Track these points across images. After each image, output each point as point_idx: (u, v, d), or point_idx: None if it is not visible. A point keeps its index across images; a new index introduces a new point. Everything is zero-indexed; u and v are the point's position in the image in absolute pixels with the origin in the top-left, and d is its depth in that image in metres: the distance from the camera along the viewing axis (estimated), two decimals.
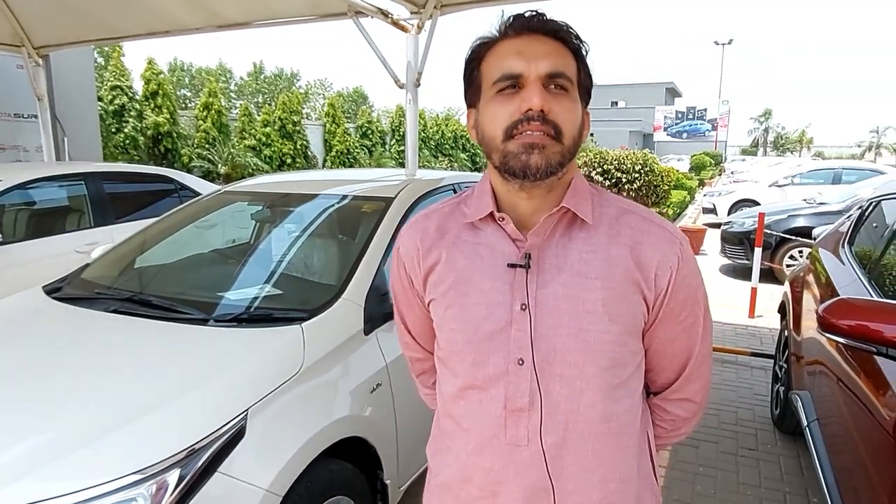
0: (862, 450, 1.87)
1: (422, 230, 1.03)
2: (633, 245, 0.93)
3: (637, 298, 0.92)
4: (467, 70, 0.95)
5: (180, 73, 42.78)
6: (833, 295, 2.53)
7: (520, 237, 0.93)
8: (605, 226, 0.94)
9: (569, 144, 0.88)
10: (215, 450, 1.45)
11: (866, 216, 2.93)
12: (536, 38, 0.88)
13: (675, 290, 0.94)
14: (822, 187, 10.66)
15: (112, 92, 16.05)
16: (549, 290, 0.91)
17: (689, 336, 1.01)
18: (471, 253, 0.97)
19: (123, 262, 2.63)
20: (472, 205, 0.99)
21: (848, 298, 1.74)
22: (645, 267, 0.92)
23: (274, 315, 1.96)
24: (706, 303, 1.02)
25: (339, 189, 2.83)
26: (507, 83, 0.87)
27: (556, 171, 0.88)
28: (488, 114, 0.90)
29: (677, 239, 0.96)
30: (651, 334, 0.99)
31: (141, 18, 6.14)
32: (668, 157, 33.39)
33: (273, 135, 19.17)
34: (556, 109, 0.86)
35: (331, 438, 1.74)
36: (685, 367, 1.03)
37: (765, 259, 6.72)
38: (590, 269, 0.91)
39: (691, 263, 0.96)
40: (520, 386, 0.92)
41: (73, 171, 4.51)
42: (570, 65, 0.89)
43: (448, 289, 0.97)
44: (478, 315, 0.94)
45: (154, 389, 1.56)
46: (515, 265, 0.93)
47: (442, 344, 1.02)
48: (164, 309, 2.03)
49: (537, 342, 0.91)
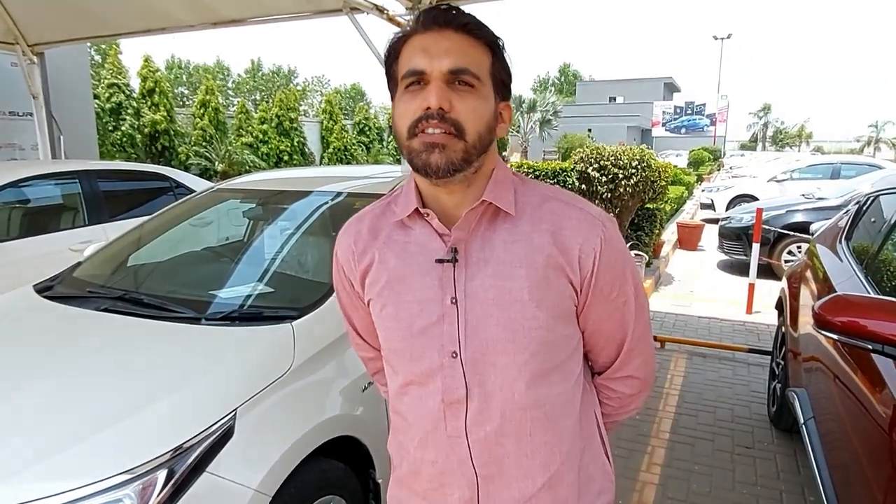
0: (858, 448, 1.85)
1: (355, 233, 1.04)
2: (554, 231, 0.94)
3: (563, 282, 0.94)
4: (386, 64, 0.95)
5: (178, 71, 42.71)
6: (830, 291, 2.52)
7: (446, 232, 0.94)
8: (527, 214, 0.95)
9: (473, 140, 0.88)
10: (203, 450, 1.44)
11: (864, 211, 2.92)
12: (443, 34, 0.88)
13: (600, 271, 0.95)
14: (821, 182, 10.67)
15: (109, 90, 16.01)
16: (476, 283, 0.93)
17: (623, 314, 1.02)
18: (402, 251, 0.98)
19: (116, 261, 2.61)
20: (401, 203, 1.00)
21: (844, 295, 1.72)
22: (568, 251, 0.93)
23: (264, 313, 1.94)
24: (636, 280, 1.03)
25: (333, 186, 2.81)
26: (412, 79, 0.88)
27: (462, 169, 0.88)
28: (397, 110, 0.91)
29: (599, 221, 0.96)
30: (584, 316, 1.00)
31: (136, 15, 6.12)
32: (667, 153, 33.34)
33: (270, 132, 19.14)
34: (458, 107, 0.86)
35: (321, 438, 1.73)
36: (623, 344, 1.05)
37: (763, 255, 6.72)
38: (514, 258, 0.93)
39: (616, 243, 0.97)
40: (455, 378, 0.94)
41: (66, 169, 4.49)
42: (479, 59, 0.89)
43: (382, 288, 0.99)
44: (411, 312, 0.96)
45: (142, 389, 1.55)
46: (443, 260, 0.94)
47: (382, 342, 1.04)
48: (154, 307, 2.01)
49: (468, 334, 0.93)
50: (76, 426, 1.42)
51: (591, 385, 1.10)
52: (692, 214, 12.36)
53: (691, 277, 7.36)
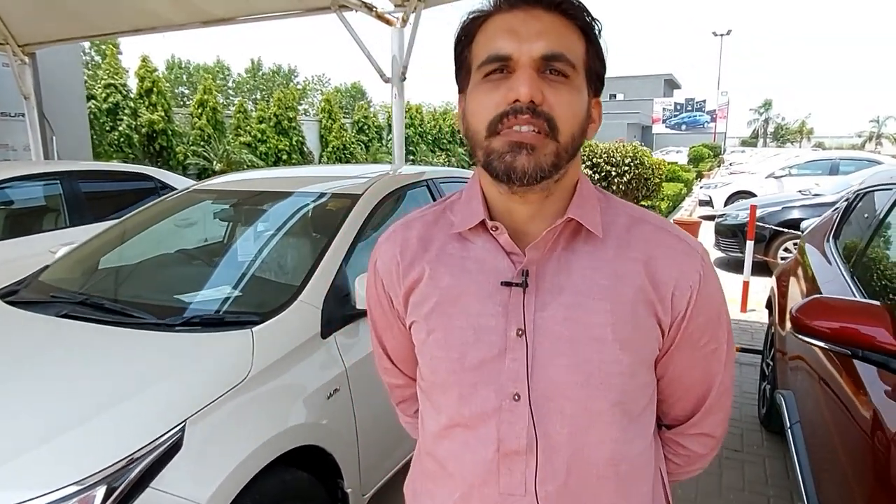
0: (840, 452, 1.79)
1: (402, 241, 0.89)
2: (646, 260, 0.80)
3: (651, 322, 0.80)
4: (457, 49, 0.81)
5: (178, 71, 42.70)
6: (816, 291, 2.45)
7: (516, 250, 0.80)
8: (613, 238, 0.81)
9: (566, 142, 0.74)
10: (148, 464, 1.38)
11: (852, 209, 2.84)
12: (533, 13, 0.74)
13: (695, 312, 0.81)
14: (820, 178, 10.57)
15: (106, 90, 15.98)
16: (548, 314, 0.79)
17: (710, 364, 0.88)
18: (458, 269, 0.84)
19: (85, 264, 2.55)
20: (460, 212, 0.85)
21: (822, 298, 1.66)
22: (660, 286, 0.80)
23: (225, 319, 1.88)
24: (729, 324, 0.89)
25: (310, 186, 2.75)
26: (494, 66, 0.74)
27: (549, 175, 0.74)
28: (473, 103, 0.77)
29: (698, 253, 0.83)
30: (665, 362, 0.86)
31: (126, 15, 6.09)
32: (668, 149, 33.26)
33: (269, 131, 19.10)
34: (551, 100, 0.72)
35: (281, 448, 1.66)
36: (705, 398, 0.90)
37: (759, 252, 6.64)
38: (596, 288, 0.79)
39: (714, 281, 0.84)
40: (515, 425, 0.79)
41: (47, 170, 4.44)
42: (574, 45, 0.75)
43: (431, 310, 0.84)
44: (464, 340, 0.81)
45: (86, 400, 1.48)
46: (511, 283, 0.79)
47: (424, 374, 0.89)
48: (115, 313, 1.95)
49: (535, 374, 0.79)
50: (10, 441, 1.36)
51: (657, 439, 0.95)
52: (690, 211, 12.28)
53: None
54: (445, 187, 3.06)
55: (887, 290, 1.99)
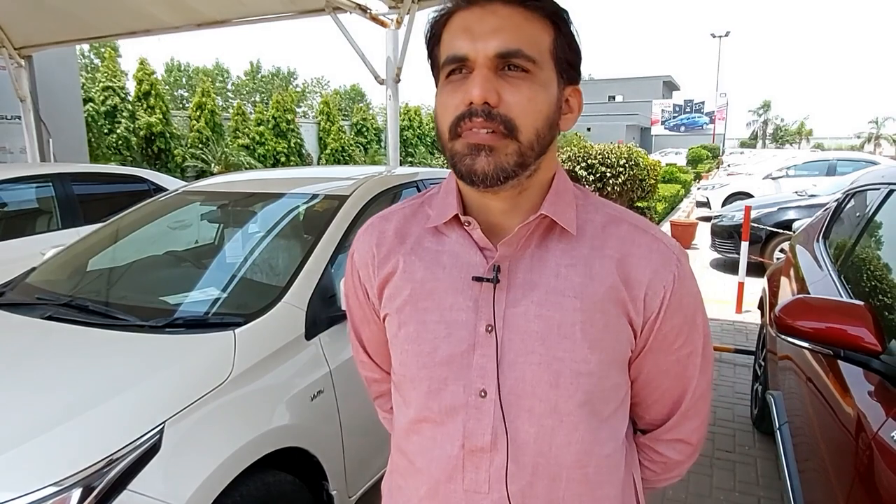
0: (824, 452, 1.78)
1: (378, 233, 0.89)
2: (620, 258, 0.79)
3: (622, 322, 0.79)
4: (428, 48, 0.80)
5: (177, 74, 42.73)
6: (804, 291, 2.44)
7: (488, 246, 0.80)
8: (588, 235, 0.80)
9: (529, 140, 0.72)
10: (125, 466, 1.37)
11: (842, 209, 2.84)
12: (490, 8, 0.72)
13: (668, 313, 0.80)
14: (817, 179, 10.58)
15: (104, 93, 16.00)
16: (519, 310, 0.78)
17: (685, 368, 0.86)
18: (432, 262, 0.83)
19: (72, 266, 2.54)
20: (437, 206, 0.85)
21: (805, 298, 1.65)
22: (633, 284, 0.78)
23: (208, 320, 1.88)
24: (706, 328, 0.87)
25: (299, 188, 2.74)
26: (452, 67, 0.74)
27: (514, 175, 0.73)
28: (438, 105, 0.76)
29: (674, 253, 0.81)
30: (638, 364, 0.85)
31: (121, 18, 6.10)
32: (666, 151, 33.28)
33: (267, 133, 19.13)
34: (509, 100, 0.71)
35: (262, 450, 1.66)
36: (679, 403, 0.88)
37: (754, 253, 6.64)
38: (568, 285, 0.78)
39: (689, 282, 0.82)
40: (481, 422, 0.79)
41: (39, 172, 4.44)
42: (536, 37, 0.73)
43: (404, 303, 0.84)
44: (436, 335, 0.81)
45: (65, 402, 1.47)
46: (482, 279, 0.79)
47: (395, 367, 0.89)
48: (99, 315, 1.95)
49: (504, 371, 0.78)
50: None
51: (631, 443, 0.93)
52: (688, 213, 12.28)
53: None
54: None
55: (874, 290, 1.99)
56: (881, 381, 1.50)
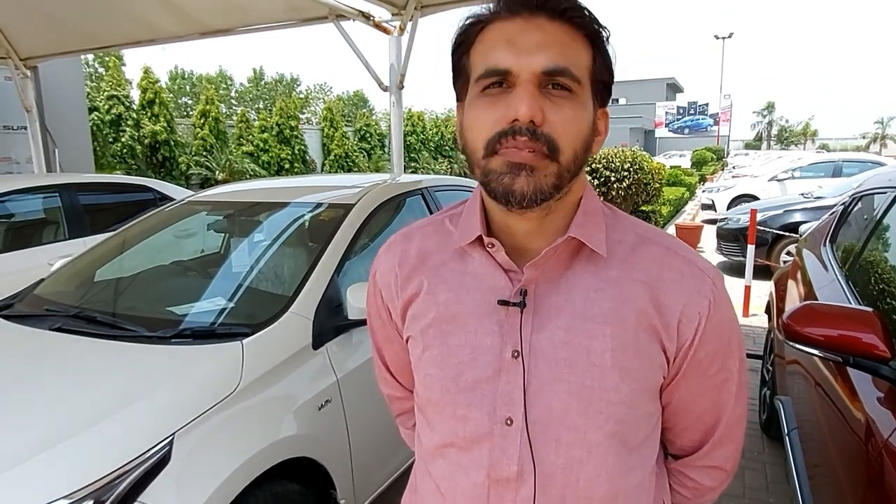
0: (834, 458, 1.77)
1: (401, 253, 0.87)
2: (651, 283, 0.76)
3: (655, 349, 0.76)
4: (454, 56, 0.77)
5: (181, 82, 42.97)
6: (812, 296, 2.43)
7: (514, 268, 0.77)
8: (618, 258, 0.77)
9: (568, 162, 0.70)
10: (135, 478, 1.37)
11: (849, 212, 2.83)
12: (535, 22, 0.69)
13: (703, 340, 0.76)
14: (823, 180, 10.54)
15: (109, 101, 16.09)
16: (545, 335, 0.75)
17: (720, 394, 0.82)
18: (456, 284, 0.81)
19: (79, 277, 2.56)
20: (461, 225, 0.82)
21: (812, 304, 1.65)
22: (666, 311, 0.75)
23: (217, 331, 1.88)
24: (742, 353, 0.83)
25: (304, 197, 2.75)
26: (492, 80, 0.70)
27: (550, 197, 0.71)
28: (470, 118, 0.73)
29: (709, 277, 0.77)
30: (671, 390, 0.81)
31: (125, 28, 6.14)
32: (671, 153, 33.23)
33: (271, 140, 19.19)
34: (552, 119, 0.68)
35: (271, 460, 1.66)
36: (714, 430, 0.85)
37: (760, 256, 6.61)
38: (597, 311, 0.75)
39: (725, 307, 0.79)
40: (507, 451, 0.76)
41: (46, 183, 4.46)
42: (579, 56, 0.70)
43: (428, 326, 0.81)
44: (460, 359, 0.78)
45: (75, 414, 1.48)
46: (507, 303, 0.76)
47: (419, 390, 0.86)
48: (108, 325, 1.96)
49: (530, 398, 0.75)
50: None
51: (662, 468, 0.90)
52: (693, 215, 12.25)
53: None
54: (442, 196, 3.07)
55: (882, 294, 1.98)
56: (891, 388, 1.49)
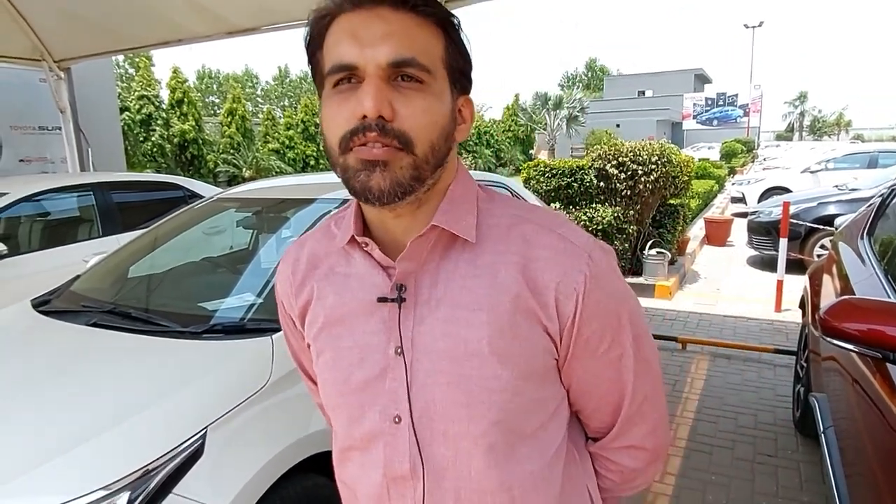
0: (872, 458, 1.72)
1: (293, 262, 0.87)
2: (524, 263, 0.73)
3: (536, 332, 0.74)
4: (308, 51, 0.74)
5: (208, 81, 43.65)
6: (848, 291, 2.37)
7: (391, 264, 0.76)
8: (492, 241, 0.75)
9: (424, 153, 0.69)
10: (169, 471, 1.40)
11: (887, 204, 2.74)
12: (377, 12, 0.67)
13: (585, 317, 0.74)
14: (858, 172, 10.24)
15: (139, 102, 16.44)
16: (425, 328, 0.74)
17: (618, 372, 0.80)
18: (341, 286, 0.80)
19: (114, 273, 2.62)
20: (342, 227, 0.81)
21: (851, 299, 1.60)
22: (541, 290, 0.73)
23: (247, 326, 1.91)
24: (638, 328, 0.80)
25: (329, 193, 2.77)
26: (340, 76, 0.68)
27: (411, 191, 0.69)
28: (325, 116, 0.71)
29: (584, 250, 0.75)
30: (567, 372, 0.80)
31: (154, 28, 6.25)
32: (699, 146, 32.64)
33: (296, 137, 19.40)
34: (403, 112, 0.66)
35: (302, 454, 1.68)
36: (619, 408, 0.83)
37: (793, 250, 6.46)
38: (473, 298, 0.73)
39: (608, 280, 0.76)
40: (398, 448, 0.76)
41: (80, 181, 4.58)
42: (428, 45, 0.69)
43: (319, 331, 0.81)
44: (350, 361, 0.78)
45: (108, 408, 1.52)
46: (386, 299, 0.76)
47: (321, 396, 0.87)
48: (140, 321, 2.00)
49: (414, 394, 0.75)
50: (35, 449, 1.40)
51: (582, 452, 0.88)
52: (722, 209, 12.02)
53: (718, 275, 7.13)
54: None
55: None
56: None
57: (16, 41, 6.60)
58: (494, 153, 30.52)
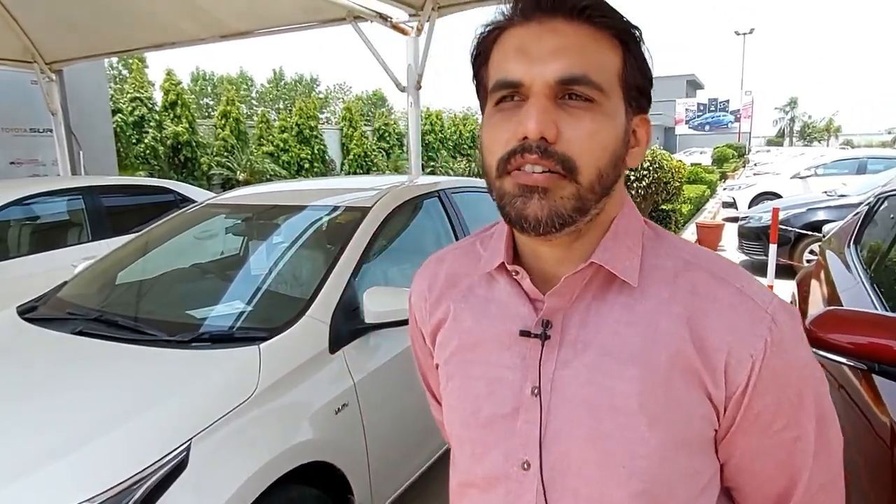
0: (860, 465, 1.73)
1: (431, 276, 0.83)
2: (691, 316, 0.65)
3: (695, 395, 0.65)
4: (474, 67, 0.71)
5: (203, 83, 43.51)
6: (835, 299, 2.38)
7: (539, 296, 0.70)
8: (656, 286, 0.68)
9: (590, 182, 0.62)
10: (152, 484, 1.39)
11: (873, 213, 2.76)
12: (550, 25, 0.62)
13: (759, 389, 0.64)
14: (847, 178, 10.31)
15: (132, 103, 16.35)
16: (569, 372, 0.67)
17: (791, 456, 0.69)
18: (480, 311, 0.75)
19: (100, 280, 2.60)
20: (490, 248, 0.76)
21: (836, 310, 1.61)
22: (710, 352, 0.64)
23: (234, 335, 1.90)
24: (823, 408, 0.69)
25: (321, 200, 2.77)
26: (504, 93, 0.63)
27: (571, 222, 0.63)
28: (485, 136, 0.66)
29: (766, 311, 0.65)
30: (727, 446, 0.69)
31: (147, 31, 6.24)
32: (691, 150, 32.82)
33: (290, 140, 19.34)
34: (569, 135, 0.61)
35: (288, 465, 1.67)
36: (788, 497, 0.71)
37: (783, 255, 6.50)
38: (625, 347, 0.66)
39: (792, 350, 0.66)
40: (522, 497, 0.69)
41: (70, 185, 4.55)
42: (604, 60, 0.63)
43: (451, 354, 0.77)
44: (477, 393, 0.73)
45: (94, 418, 1.50)
46: (529, 333, 0.69)
47: (445, 423, 0.81)
48: (127, 329, 1.99)
49: (548, 442, 0.68)
50: (12, 463, 1.38)
51: None
52: (714, 214, 12.08)
53: None
54: (459, 198, 3.07)
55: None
56: None
57: (7, 43, 6.56)
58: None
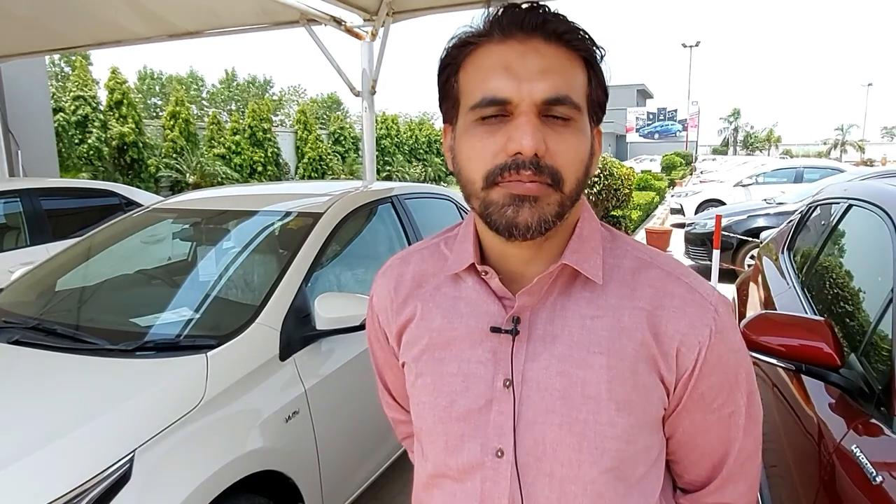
0: (790, 460, 1.83)
1: (397, 277, 0.86)
2: (651, 310, 0.72)
3: (653, 381, 0.72)
4: (441, 77, 0.73)
5: (150, 82, 42.16)
6: (769, 303, 2.51)
7: (507, 295, 0.75)
8: (616, 283, 0.74)
9: (571, 190, 0.68)
10: (95, 496, 1.35)
11: (805, 221, 2.92)
12: (531, 45, 0.66)
13: (704, 371, 0.73)
14: (785, 186, 10.81)
15: (75, 102, 15.71)
16: (539, 364, 0.73)
17: (727, 429, 0.78)
18: (450, 310, 0.79)
19: (39, 286, 2.50)
20: (455, 249, 0.80)
21: (768, 313, 1.70)
22: (665, 340, 0.72)
23: (181, 343, 1.86)
24: (751, 386, 0.78)
25: (272, 205, 2.73)
26: (491, 111, 0.66)
27: (552, 227, 0.68)
28: (465, 147, 0.69)
29: (711, 304, 0.73)
30: (673, 423, 0.77)
31: (91, 28, 6.02)
32: (641, 158, 33.81)
33: (243, 143, 18.97)
34: (555, 149, 0.65)
35: (236, 475, 1.64)
36: (721, 465, 0.80)
37: (725, 260, 6.77)
38: (593, 339, 0.72)
39: (730, 336, 0.74)
40: (498, 484, 0.74)
41: (6, 188, 4.36)
42: (577, 81, 0.68)
43: (421, 352, 0.80)
44: (453, 388, 0.76)
45: (31, 431, 1.45)
46: (500, 329, 0.74)
47: (413, 417, 0.84)
48: (67, 338, 1.92)
49: (521, 430, 0.73)
50: None
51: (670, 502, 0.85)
52: (663, 220, 12.46)
53: None
54: (412, 203, 3.08)
55: (835, 301, 2.05)
56: (841, 395, 1.55)
57: None
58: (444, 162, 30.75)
